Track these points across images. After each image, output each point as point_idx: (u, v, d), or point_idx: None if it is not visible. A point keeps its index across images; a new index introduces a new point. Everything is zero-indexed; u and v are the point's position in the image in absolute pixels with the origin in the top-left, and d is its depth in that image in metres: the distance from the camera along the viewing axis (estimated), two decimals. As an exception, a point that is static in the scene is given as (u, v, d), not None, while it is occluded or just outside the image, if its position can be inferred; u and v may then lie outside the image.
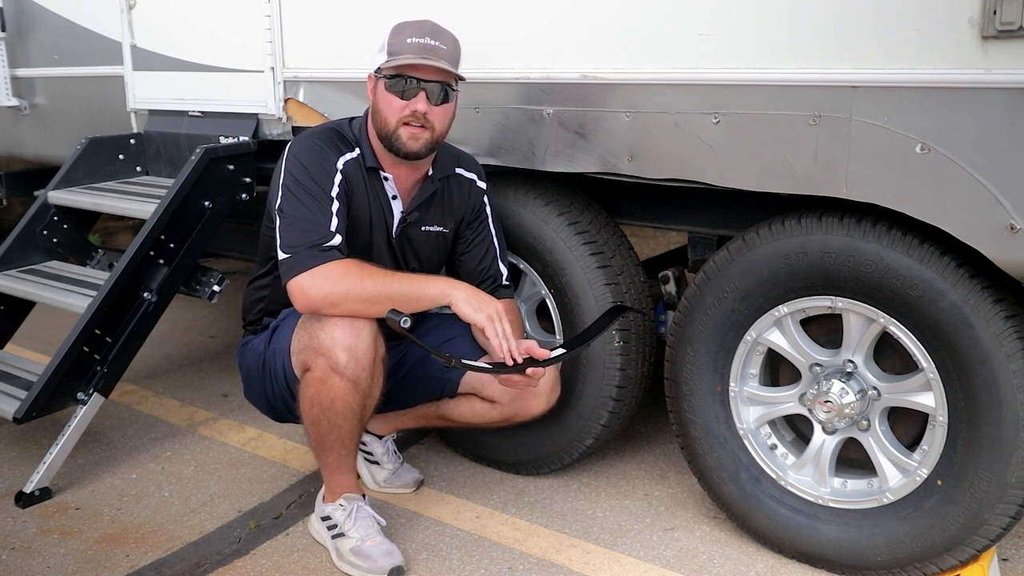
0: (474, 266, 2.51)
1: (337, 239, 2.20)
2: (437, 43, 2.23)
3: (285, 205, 2.23)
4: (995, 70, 1.78)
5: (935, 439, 2.11)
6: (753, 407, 2.39)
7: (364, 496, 2.41)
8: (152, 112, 3.46)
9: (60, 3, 3.67)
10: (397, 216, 2.41)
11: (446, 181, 2.46)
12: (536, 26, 2.41)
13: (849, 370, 2.23)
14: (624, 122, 2.30)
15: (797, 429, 2.44)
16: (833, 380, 2.23)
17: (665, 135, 2.23)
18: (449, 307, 2.23)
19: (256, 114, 3.10)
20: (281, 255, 2.20)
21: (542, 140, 2.45)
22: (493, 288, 2.50)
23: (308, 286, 2.15)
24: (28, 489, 2.70)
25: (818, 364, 2.26)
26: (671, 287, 2.63)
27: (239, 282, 3.04)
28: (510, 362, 2.20)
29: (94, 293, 2.85)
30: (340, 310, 2.15)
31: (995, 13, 1.74)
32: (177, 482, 2.84)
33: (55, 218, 3.36)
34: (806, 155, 2.03)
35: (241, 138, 3.11)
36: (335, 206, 2.24)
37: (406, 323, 2.08)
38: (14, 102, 3.96)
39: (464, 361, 2.20)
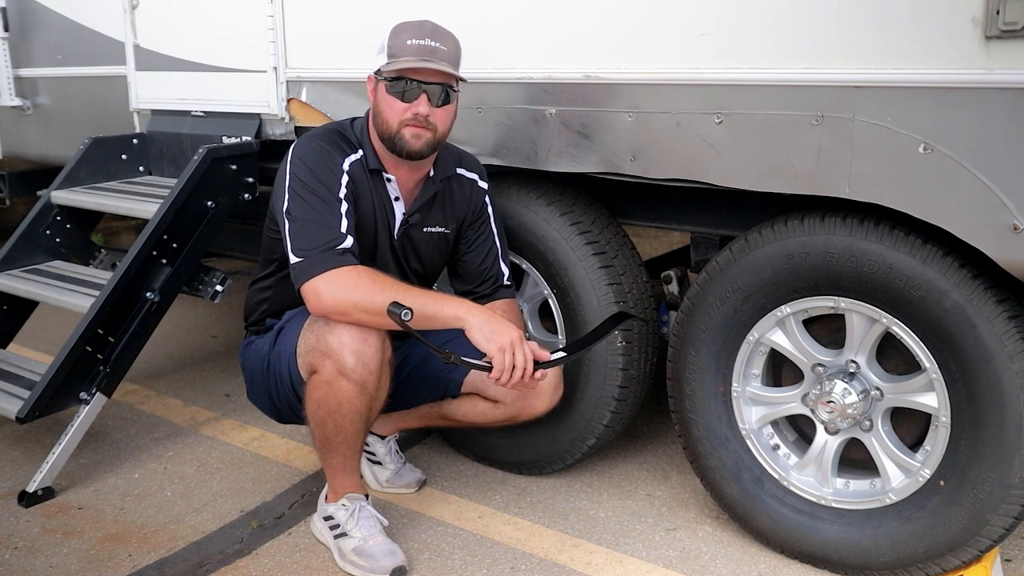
0: (476, 266, 2.51)
1: (349, 240, 2.19)
2: (437, 44, 2.22)
3: (293, 208, 2.22)
4: (998, 70, 1.77)
5: (938, 440, 2.10)
6: (756, 407, 2.39)
7: (367, 496, 2.41)
8: (155, 112, 3.47)
9: (63, 3, 3.68)
10: (399, 217, 2.40)
11: (447, 182, 2.46)
12: (538, 25, 2.41)
13: (852, 370, 2.23)
14: (627, 122, 2.29)
15: (800, 429, 2.44)
16: (836, 380, 2.23)
17: (668, 135, 2.23)
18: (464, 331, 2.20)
19: (259, 114, 3.10)
20: (293, 259, 2.19)
21: (545, 140, 2.45)
22: (494, 288, 2.50)
23: (323, 290, 2.13)
24: (31, 488, 2.70)
25: (821, 364, 2.26)
26: (673, 287, 2.63)
27: (242, 282, 3.04)
28: (505, 380, 2.16)
29: (97, 293, 2.85)
30: (349, 320, 2.14)
31: (998, 13, 1.74)
32: (180, 482, 2.84)
33: (58, 218, 3.36)
34: (809, 155, 2.03)
35: (244, 138, 3.11)
36: (343, 207, 2.23)
37: (406, 316, 2.06)
38: (17, 102, 3.97)
39: (464, 358, 2.19)
